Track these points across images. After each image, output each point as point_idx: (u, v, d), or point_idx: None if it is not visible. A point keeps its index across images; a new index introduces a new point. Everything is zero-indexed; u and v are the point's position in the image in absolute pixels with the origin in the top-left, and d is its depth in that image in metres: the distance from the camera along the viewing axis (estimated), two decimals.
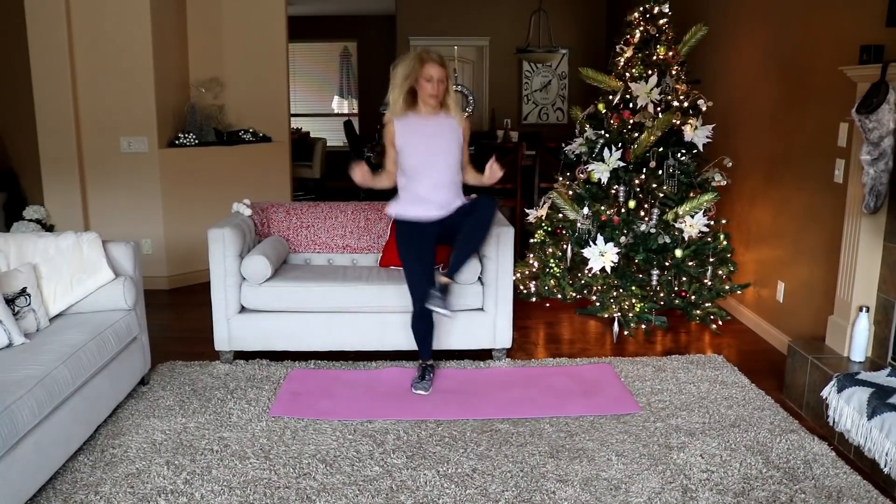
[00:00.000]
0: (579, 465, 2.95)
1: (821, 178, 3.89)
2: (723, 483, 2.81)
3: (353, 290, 3.94)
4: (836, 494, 2.74)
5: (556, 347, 4.39)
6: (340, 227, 4.44)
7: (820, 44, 3.93)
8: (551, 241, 4.74)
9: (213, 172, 5.63)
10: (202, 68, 5.87)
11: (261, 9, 5.94)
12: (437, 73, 3.34)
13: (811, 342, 3.67)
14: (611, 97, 4.58)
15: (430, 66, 3.33)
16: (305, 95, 12.13)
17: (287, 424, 3.29)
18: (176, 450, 3.05)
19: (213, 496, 2.71)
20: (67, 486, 2.77)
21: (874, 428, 2.77)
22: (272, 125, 6.09)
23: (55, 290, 3.32)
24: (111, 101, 5.23)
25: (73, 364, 2.90)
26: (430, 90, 3.35)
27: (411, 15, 8.94)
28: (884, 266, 3.36)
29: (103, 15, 5.12)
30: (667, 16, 4.54)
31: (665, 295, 4.45)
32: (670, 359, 4.10)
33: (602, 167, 4.44)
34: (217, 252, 3.90)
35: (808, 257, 4.06)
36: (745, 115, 4.82)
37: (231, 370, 3.90)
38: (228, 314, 3.94)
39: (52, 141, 5.18)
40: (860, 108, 3.07)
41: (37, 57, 5.06)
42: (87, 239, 3.45)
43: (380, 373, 3.89)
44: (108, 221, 5.32)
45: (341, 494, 2.73)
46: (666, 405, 3.50)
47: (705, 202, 4.37)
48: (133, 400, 3.53)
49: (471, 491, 2.76)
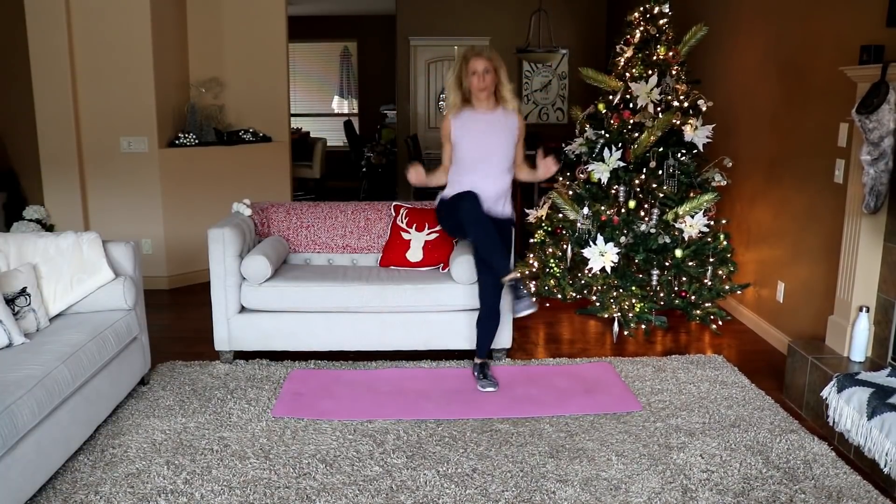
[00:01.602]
0: (579, 465, 2.95)
1: (821, 178, 3.89)
2: (723, 483, 2.81)
3: (353, 290, 3.93)
4: (836, 494, 2.74)
5: (556, 347, 4.39)
6: (340, 227, 4.44)
7: (820, 44, 3.93)
8: (551, 241, 4.74)
9: (213, 172, 5.63)
10: (202, 68, 5.87)
11: (261, 9, 5.94)
12: (481, 65, 3.46)
13: (811, 342, 3.67)
14: (611, 97, 4.58)
15: (474, 61, 3.47)
16: (305, 95, 12.13)
17: (287, 424, 3.29)
18: (176, 450, 3.05)
19: (213, 496, 2.71)
20: (67, 486, 2.77)
21: (874, 428, 2.77)
22: (272, 125, 6.09)
23: (55, 290, 3.32)
24: (111, 101, 5.23)
25: (73, 364, 2.90)
26: (477, 83, 3.48)
27: (411, 15, 8.94)
28: (884, 266, 3.36)
29: (103, 15, 5.12)
30: (667, 16, 4.54)
31: (665, 295, 4.45)
32: (670, 359, 4.10)
33: (602, 167, 4.44)
34: (217, 252, 3.90)
35: (808, 257, 4.06)
36: (745, 115, 4.81)
37: (231, 370, 3.90)
38: (228, 314, 3.94)
39: (52, 141, 5.18)
40: (860, 108, 3.07)
41: (37, 57, 5.06)
42: (87, 239, 3.45)
43: (380, 373, 3.89)
44: (108, 221, 5.32)
45: (341, 494, 2.73)
46: (666, 405, 3.50)
47: (705, 202, 4.37)
48: (133, 400, 3.53)
49: (471, 491, 2.76)
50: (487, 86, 3.48)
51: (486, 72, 3.46)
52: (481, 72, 3.45)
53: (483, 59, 3.45)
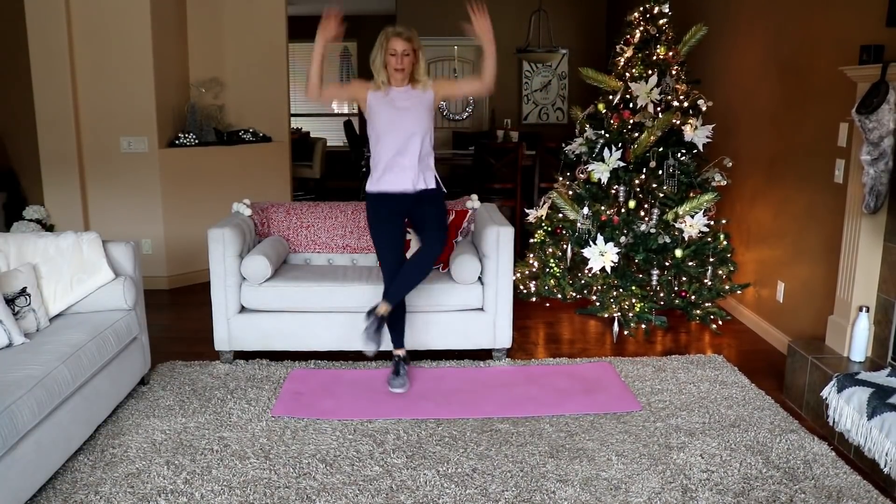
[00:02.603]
0: (579, 465, 2.95)
1: (821, 178, 3.89)
2: (723, 483, 2.81)
3: (353, 290, 3.94)
4: (836, 494, 2.74)
5: (556, 347, 4.39)
6: (340, 227, 4.44)
7: (820, 44, 3.93)
8: (551, 241, 4.74)
9: (213, 172, 5.63)
10: (202, 68, 5.87)
11: (261, 9, 5.94)
12: (400, 46, 3.46)
13: (811, 342, 3.67)
14: (611, 97, 4.58)
15: (393, 41, 3.47)
16: (305, 95, 12.13)
17: (287, 424, 3.29)
18: (176, 450, 3.05)
19: (213, 496, 2.71)
20: (67, 485, 2.77)
21: (874, 428, 2.77)
22: (272, 125, 6.09)
23: (55, 290, 3.32)
24: (111, 100, 5.23)
25: (73, 364, 2.90)
26: (395, 63, 3.48)
27: (411, 15, 8.94)
28: (884, 266, 3.36)
29: (103, 15, 5.12)
30: (667, 16, 4.54)
31: (665, 295, 4.45)
32: (670, 359, 4.10)
33: (602, 167, 4.44)
34: (217, 252, 3.90)
35: (808, 257, 4.06)
36: (745, 115, 4.81)
37: (231, 370, 3.90)
38: (228, 314, 3.94)
39: (52, 141, 5.18)
40: (860, 108, 3.07)
41: (37, 57, 5.06)
42: (87, 239, 3.45)
43: (380, 373, 3.89)
44: (108, 221, 5.32)
45: (341, 494, 2.73)
46: (666, 405, 3.50)
47: (705, 202, 4.37)
48: (133, 400, 3.53)
49: (471, 491, 2.76)
50: (405, 66, 3.50)
51: (406, 54, 3.48)
52: (400, 53, 3.47)
53: (402, 40, 3.46)
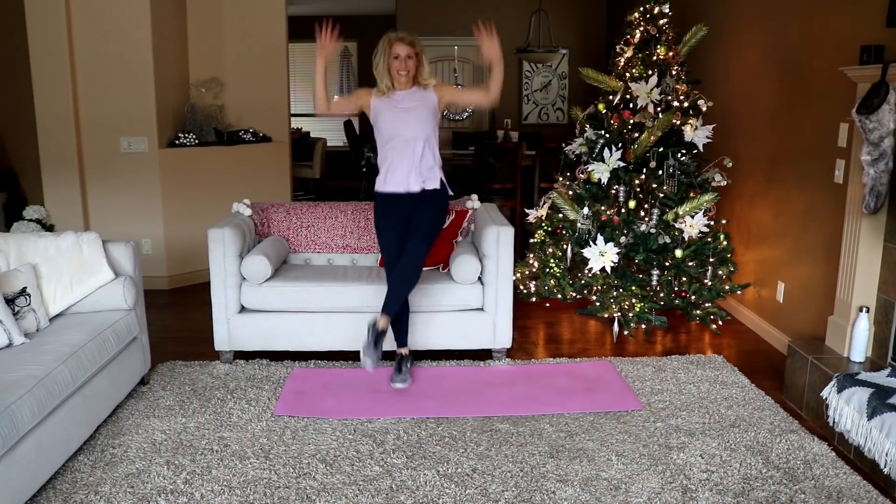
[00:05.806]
0: (579, 465, 2.95)
1: (821, 179, 3.89)
2: (723, 483, 2.81)
3: (353, 290, 3.94)
4: (836, 495, 2.74)
5: (556, 347, 4.39)
6: (340, 227, 4.44)
7: (820, 44, 3.92)
8: (551, 241, 4.74)
9: (213, 172, 5.63)
10: (202, 68, 5.87)
11: (261, 9, 5.94)
12: (403, 50, 3.53)
13: (811, 342, 3.67)
14: (611, 97, 4.58)
15: (396, 46, 3.53)
16: (305, 95, 12.11)
17: (287, 424, 3.29)
18: (176, 450, 3.05)
19: (213, 496, 2.71)
20: (67, 485, 2.77)
21: (874, 428, 2.77)
22: (272, 125, 6.09)
23: (55, 290, 3.32)
24: (111, 101, 5.23)
25: (73, 364, 2.90)
26: (398, 67, 3.55)
27: (411, 15, 8.94)
28: (884, 266, 3.36)
29: (103, 15, 5.12)
30: (667, 16, 4.54)
31: (665, 295, 4.45)
32: (670, 359, 4.10)
33: (602, 167, 4.44)
34: (217, 252, 3.90)
35: (808, 257, 4.06)
36: (745, 115, 4.81)
37: (231, 370, 3.90)
38: (228, 314, 3.94)
39: (52, 141, 5.18)
40: (860, 108, 3.07)
41: (37, 57, 5.06)
42: (86, 239, 3.45)
43: (380, 372, 3.88)
44: (108, 221, 5.32)
45: (341, 494, 2.73)
46: (666, 405, 3.50)
47: (705, 202, 4.37)
48: (133, 400, 3.53)
49: (471, 491, 2.76)
50: (409, 69, 3.56)
51: (409, 57, 3.54)
52: (403, 57, 3.53)
53: (405, 44, 3.53)
